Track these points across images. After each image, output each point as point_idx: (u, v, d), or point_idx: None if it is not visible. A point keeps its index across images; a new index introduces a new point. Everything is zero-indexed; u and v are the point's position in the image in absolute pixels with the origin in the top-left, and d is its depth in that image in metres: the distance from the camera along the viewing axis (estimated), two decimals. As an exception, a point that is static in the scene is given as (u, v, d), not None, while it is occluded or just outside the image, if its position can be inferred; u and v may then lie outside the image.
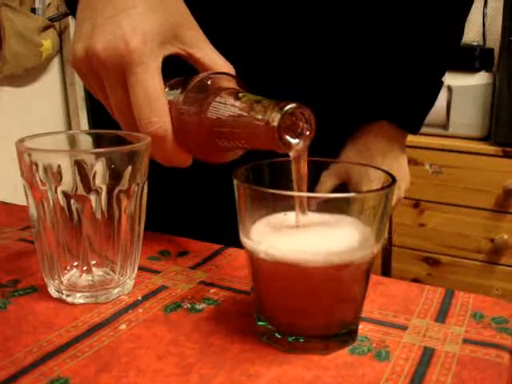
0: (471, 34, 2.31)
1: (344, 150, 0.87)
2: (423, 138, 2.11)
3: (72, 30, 2.41)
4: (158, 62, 0.55)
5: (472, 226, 2.10)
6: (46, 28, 2.27)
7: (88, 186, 0.52)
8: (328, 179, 0.76)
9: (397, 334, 0.50)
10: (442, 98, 2.10)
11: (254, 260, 0.48)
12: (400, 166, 0.88)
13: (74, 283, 0.55)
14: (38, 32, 2.23)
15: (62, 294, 0.55)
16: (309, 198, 0.48)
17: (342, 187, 0.73)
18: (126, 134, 0.57)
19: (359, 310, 0.49)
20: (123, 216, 0.55)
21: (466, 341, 0.50)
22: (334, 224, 0.48)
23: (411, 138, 2.23)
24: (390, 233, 1.14)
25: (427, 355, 0.47)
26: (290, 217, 0.48)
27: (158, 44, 0.55)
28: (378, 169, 0.51)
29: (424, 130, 2.07)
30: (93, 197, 0.52)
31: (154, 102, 0.54)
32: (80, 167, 0.52)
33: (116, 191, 0.53)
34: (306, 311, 0.47)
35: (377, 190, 0.45)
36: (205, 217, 0.87)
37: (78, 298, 0.55)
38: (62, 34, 2.42)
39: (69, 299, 0.55)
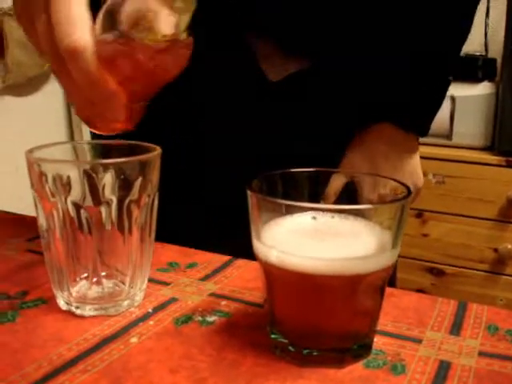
0: (474, 44, 2.31)
1: (348, 151, 0.86)
2: (426, 148, 2.10)
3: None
4: None
5: (476, 235, 2.09)
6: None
7: (98, 197, 0.51)
8: (336, 178, 0.76)
9: (412, 347, 0.50)
10: (445, 108, 2.10)
11: (267, 269, 0.47)
12: (404, 168, 0.86)
13: (84, 295, 0.55)
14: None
15: (72, 305, 0.55)
16: (323, 209, 0.47)
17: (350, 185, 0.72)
18: (136, 145, 0.57)
19: (375, 322, 0.49)
20: (134, 227, 0.54)
21: (481, 354, 0.49)
22: (350, 231, 0.47)
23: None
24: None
25: (443, 368, 0.47)
26: (305, 223, 0.48)
27: None
28: (390, 179, 0.50)
29: (427, 140, 2.09)
30: (103, 208, 0.52)
31: (74, 17, 0.50)
32: (89, 178, 0.51)
33: (126, 202, 0.53)
34: (320, 323, 0.47)
35: (393, 201, 0.45)
36: (213, 228, 0.86)
37: (88, 311, 0.54)
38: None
39: (78, 311, 0.54)
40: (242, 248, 0.74)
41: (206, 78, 0.83)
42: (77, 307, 0.55)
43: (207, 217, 0.87)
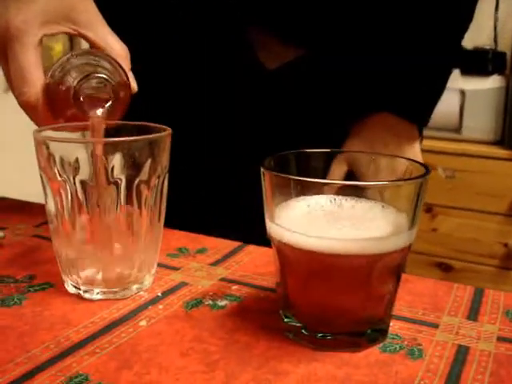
0: (483, 37, 2.29)
1: (348, 139, 0.85)
2: (436, 143, 2.08)
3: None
4: (35, 40, 0.59)
5: (485, 230, 2.07)
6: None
7: (106, 177, 0.50)
8: (337, 166, 0.74)
9: (429, 332, 0.48)
10: (454, 101, 2.09)
11: (281, 250, 0.46)
12: (403, 156, 0.85)
13: (92, 279, 0.53)
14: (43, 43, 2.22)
15: (80, 289, 0.53)
16: (338, 185, 0.46)
17: (351, 174, 0.71)
18: (146, 126, 0.55)
19: (391, 306, 0.47)
20: (143, 209, 0.53)
21: (500, 339, 0.48)
22: (366, 213, 0.46)
23: (423, 142, 2.20)
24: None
25: (462, 353, 0.45)
26: (319, 205, 0.46)
27: (39, 23, 0.60)
28: (408, 159, 0.49)
29: (437, 134, 2.08)
30: (112, 188, 0.51)
31: (26, 74, 0.59)
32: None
33: (136, 182, 0.51)
34: (335, 306, 0.45)
35: (412, 179, 0.44)
36: (223, 214, 0.85)
37: (96, 294, 0.53)
38: (72, 37, 2.41)
39: (86, 295, 0.53)
40: (252, 234, 0.73)
41: (204, 67, 0.83)
42: (85, 291, 0.53)
43: (215, 203, 0.86)
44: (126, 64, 0.63)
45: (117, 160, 0.51)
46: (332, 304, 0.45)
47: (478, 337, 0.48)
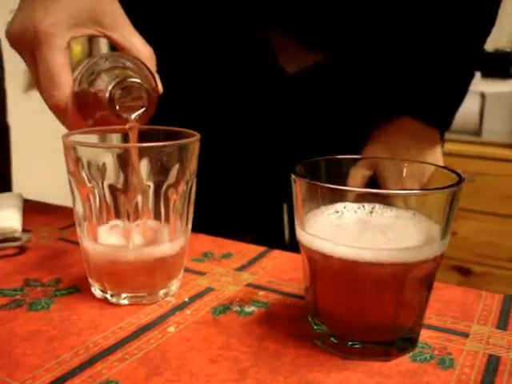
0: (503, 40, 2.28)
1: (368, 144, 0.85)
2: (456, 146, 2.07)
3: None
4: (63, 43, 0.60)
5: (505, 234, 2.05)
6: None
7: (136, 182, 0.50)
8: (358, 171, 0.74)
9: (459, 341, 0.48)
10: (475, 104, 2.07)
11: (311, 257, 0.45)
12: (425, 161, 0.84)
13: (120, 285, 0.53)
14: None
15: (107, 293, 0.53)
16: (368, 193, 0.45)
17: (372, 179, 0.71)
18: (174, 131, 0.55)
19: (421, 316, 0.47)
20: (171, 214, 0.53)
21: (532, 349, 0.47)
22: (397, 219, 0.46)
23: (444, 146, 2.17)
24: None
25: (493, 363, 0.45)
26: (350, 212, 0.46)
27: (67, 26, 0.60)
28: (435, 165, 0.49)
29: (457, 137, 2.07)
30: (140, 192, 0.51)
31: (55, 77, 0.59)
32: (126, 163, 0.50)
33: (164, 188, 0.51)
34: (365, 315, 0.45)
35: (446, 188, 0.43)
36: (247, 218, 0.85)
37: (123, 299, 0.53)
38: (91, 39, 2.42)
39: (113, 300, 0.53)
40: (276, 239, 0.73)
41: (225, 70, 0.84)
42: (112, 295, 0.53)
43: (239, 207, 0.86)
44: (152, 65, 0.63)
45: (143, 165, 0.51)
46: (362, 312, 0.45)
47: (509, 346, 0.47)
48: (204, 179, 0.72)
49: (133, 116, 0.55)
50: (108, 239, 0.53)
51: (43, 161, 2.11)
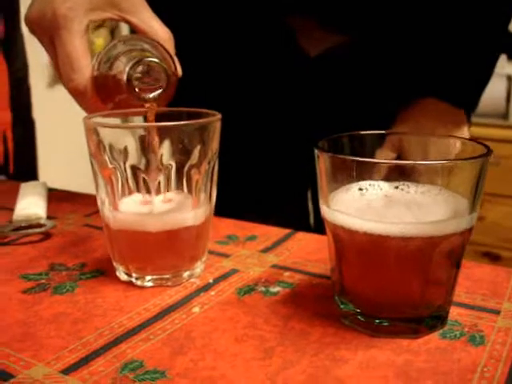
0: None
1: (394, 126, 0.83)
2: (482, 129, 2.04)
3: (123, 28, 2.42)
4: (81, 27, 0.60)
5: (534, 219, 2.02)
6: (97, 27, 2.28)
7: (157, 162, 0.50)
8: (383, 153, 0.73)
9: (490, 319, 0.47)
10: (501, 87, 2.04)
11: (336, 235, 0.45)
12: None
13: (144, 266, 0.53)
14: (91, 31, 2.24)
15: (132, 277, 0.53)
16: (394, 165, 0.44)
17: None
18: (195, 111, 0.55)
19: (451, 293, 0.46)
20: (194, 194, 0.52)
21: None
22: (424, 195, 0.45)
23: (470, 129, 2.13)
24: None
25: (526, 340, 0.44)
26: (375, 189, 0.45)
27: (85, 10, 0.60)
28: (462, 138, 0.47)
29: (483, 120, 2.04)
30: (162, 172, 0.50)
31: (74, 61, 0.59)
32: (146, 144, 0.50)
33: (186, 168, 0.51)
34: (393, 292, 0.44)
35: (473, 158, 0.42)
36: (271, 205, 0.84)
37: (148, 281, 0.53)
38: (113, 32, 2.42)
39: (138, 282, 0.53)
40: (297, 219, 0.72)
41: (246, 53, 0.83)
42: (137, 278, 0.53)
43: (263, 193, 0.86)
44: (171, 48, 0.63)
45: (166, 146, 0.50)
46: (390, 289, 0.44)
47: (542, 323, 0.46)
48: (228, 164, 0.72)
49: (150, 95, 0.54)
50: (130, 208, 0.52)
51: (68, 153, 2.13)
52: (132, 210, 0.52)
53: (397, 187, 0.46)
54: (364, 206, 0.45)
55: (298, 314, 0.47)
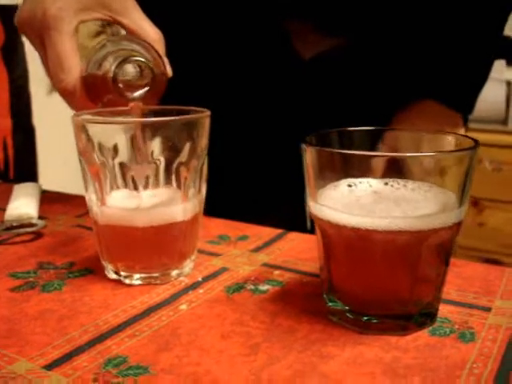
0: (530, 27, 2.23)
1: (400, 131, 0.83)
2: (482, 135, 2.03)
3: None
4: (71, 27, 0.60)
5: (534, 224, 2.01)
6: (98, 34, 2.28)
7: (146, 157, 0.50)
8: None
9: (481, 316, 0.46)
10: (500, 93, 2.03)
11: (325, 229, 0.44)
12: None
13: (132, 264, 0.53)
14: (90, 38, 2.24)
15: (120, 275, 0.53)
16: (384, 160, 0.44)
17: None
18: (185, 109, 0.54)
19: (440, 289, 0.45)
20: (182, 190, 0.52)
21: (557, 322, 0.45)
22: (413, 191, 0.44)
23: (469, 135, 2.13)
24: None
25: (516, 337, 0.43)
26: (364, 183, 0.45)
27: (75, 10, 0.60)
28: (454, 133, 0.47)
29: (483, 126, 2.03)
30: (150, 168, 0.50)
31: (63, 61, 0.59)
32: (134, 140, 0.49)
33: (175, 164, 0.50)
34: (381, 288, 0.43)
35: (459, 151, 0.41)
36: (262, 201, 0.84)
37: (136, 280, 0.52)
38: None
39: (126, 281, 0.53)
40: (294, 221, 0.71)
41: (239, 54, 0.83)
42: (125, 276, 0.53)
43: (256, 191, 0.85)
44: (161, 48, 0.63)
45: (156, 143, 0.50)
46: (378, 286, 0.43)
47: (534, 321, 0.45)
48: (224, 164, 0.71)
49: (135, 94, 0.54)
50: (118, 203, 0.52)
51: (67, 160, 2.12)
52: (119, 204, 0.51)
53: (386, 183, 0.46)
54: (352, 201, 0.44)
55: (285, 312, 0.47)
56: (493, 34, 0.81)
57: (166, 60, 0.61)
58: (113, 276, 0.53)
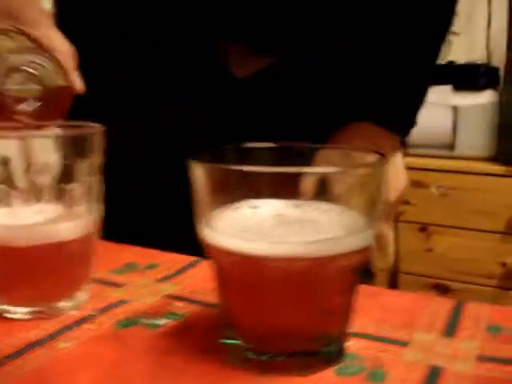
0: (476, 52, 2.24)
1: (325, 150, 0.80)
2: (429, 160, 2.03)
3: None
4: None
5: (482, 249, 2.00)
6: None
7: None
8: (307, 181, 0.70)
9: (395, 351, 0.41)
10: (447, 118, 2.03)
11: (218, 258, 0.39)
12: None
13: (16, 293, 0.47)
14: None
15: (1, 308, 0.47)
16: (285, 177, 0.39)
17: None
18: (78, 124, 0.49)
19: (346, 321, 0.40)
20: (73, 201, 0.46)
21: (480, 358, 0.41)
22: (321, 215, 0.39)
23: (416, 160, 2.15)
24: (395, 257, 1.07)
25: (433, 375, 0.38)
26: (265, 206, 0.40)
27: None
28: (368, 150, 0.42)
29: (430, 151, 2.02)
30: (31, 185, 0.45)
31: None
32: None
33: (63, 180, 0.46)
34: (281, 321, 0.38)
35: (361, 167, 0.37)
36: (181, 226, 0.79)
37: (19, 314, 0.46)
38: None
39: (9, 315, 0.46)
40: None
41: (173, 76, 0.79)
42: (6, 311, 0.46)
43: (171, 213, 0.80)
44: (70, 63, 0.59)
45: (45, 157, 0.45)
46: (277, 319, 0.38)
47: (454, 355, 0.41)
48: (134, 190, 0.67)
49: (19, 106, 0.49)
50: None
51: None
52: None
53: (296, 207, 0.41)
54: (249, 225, 0.39)
55: (176, 350, 0.41)
56: (430, 57, 0.81)
57: (74, 74, 0.57)
58: (-7, 310, 0.47)
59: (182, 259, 0.60)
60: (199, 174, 0.38)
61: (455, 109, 2.05)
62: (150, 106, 0.80)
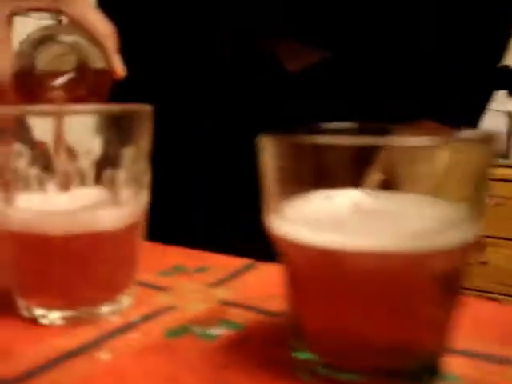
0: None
1: (384, 150, 0.75)
2: (483, 168, 1.94)
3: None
4: (2, 14, 0.53)
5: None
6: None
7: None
8: (371, 175, 0.65)
9: (501, 371, 0.34)
10: (502, 124, 1.94)
11: (289, 254, 0.33)
12: None
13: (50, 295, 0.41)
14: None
15: (34, 313, 0.41)
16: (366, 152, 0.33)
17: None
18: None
19: (444, 335, 0.33)
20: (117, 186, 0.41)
21: None
22: (408, 204, 0.33)
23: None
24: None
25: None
26: (343, 195, 0.33)
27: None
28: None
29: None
30: (72, 167, 0.39)
31: None
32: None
33: (106, 163, 0.40)
34: (364, 333, 0.32)
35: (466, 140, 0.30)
36: (231, 226, 0.74)
37: (55, 319, 0.41)
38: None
39: (43, 320, 0.41)
40: (267, 250, 0.61)
41: (224, 72, 0.77)
42: (42, 316, 0.41)
43: (225, 216, 0.76)
44: (110, 43, 0.54)
45: (86, 138, 0.40)
46: (358, 330, 0.32)
47: None
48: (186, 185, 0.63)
49: (55, 82, 0.44)
50: (29, 205, 0.40)
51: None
52: (31, 207, 0.40)
53: (374, 196, 0.34)
54: (325, 215, 0.33)
55: (238, 364, 0.35)
56: (494, 60, 0.78)
57: (115, 57, 0.52)
58: (25, 314, 0.42)
59: (234, 262, 0.54)
60: (271, 151, 0.32)
61: (510, 115, 1.96)
62: (201, 99, 0.77)
